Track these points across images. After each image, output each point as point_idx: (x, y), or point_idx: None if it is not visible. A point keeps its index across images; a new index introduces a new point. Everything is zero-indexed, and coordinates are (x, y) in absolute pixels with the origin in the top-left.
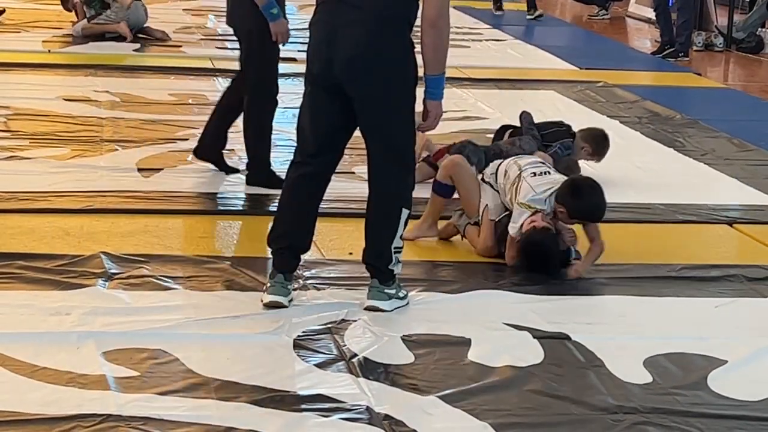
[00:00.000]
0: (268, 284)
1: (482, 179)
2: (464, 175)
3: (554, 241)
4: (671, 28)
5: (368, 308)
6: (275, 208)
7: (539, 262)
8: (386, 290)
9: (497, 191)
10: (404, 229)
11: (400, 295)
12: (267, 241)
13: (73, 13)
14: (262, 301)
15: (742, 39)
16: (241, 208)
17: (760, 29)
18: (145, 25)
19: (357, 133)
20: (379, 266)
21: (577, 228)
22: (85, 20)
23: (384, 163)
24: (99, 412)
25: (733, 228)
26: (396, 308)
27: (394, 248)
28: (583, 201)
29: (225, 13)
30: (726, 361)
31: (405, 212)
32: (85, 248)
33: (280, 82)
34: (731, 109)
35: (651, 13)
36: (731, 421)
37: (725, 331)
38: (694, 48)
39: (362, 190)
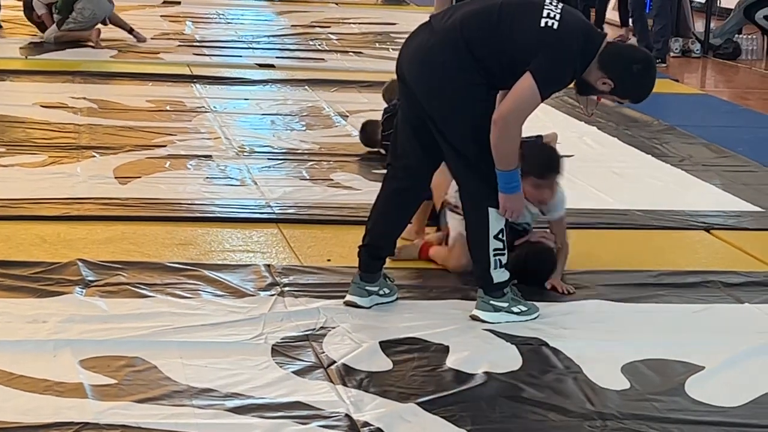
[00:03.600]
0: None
1: (447, 204)
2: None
3: (552, 261)
4: (648, 34)
5: (471, 317)
6: (253, 216)
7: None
8: (492, 302)
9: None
10: (499, 229)
11: (515, 310)
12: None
13: (41, 23)
14: None
15: (719, 45)
16: (218, 215)
17: (736, 36)
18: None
19: (328, 138)
20: (478, 272)
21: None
22: (55, 26)
23: (454, 165)
24: (76, 420)
25: (710, 234)
26: (505, 322)
27: (493, 250)
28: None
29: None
30: (703, 367)
31: (493, 211)
32: (62, 255)
33: (259, 88)
34: (708, 115)
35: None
36: (709, 427)
37: (703, 337)
38: (672, 54)
39: (340, 197)
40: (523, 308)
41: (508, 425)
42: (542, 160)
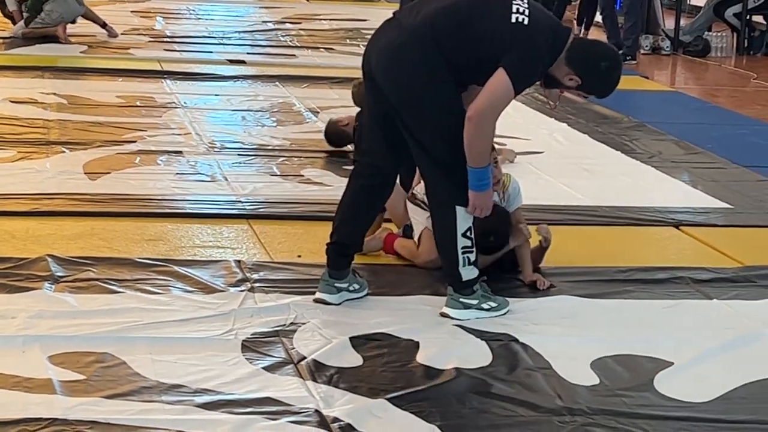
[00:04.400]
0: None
1: (413, 199)
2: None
3: (509, 221)
4: (618, 31)
5: (441, 314)
6: (222, 212)
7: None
8: (462, 299)
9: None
10: (467, 227)
11: (485, 306)
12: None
13: (12, 18)
14: None
15: (689, 42)
16: (189, 211)
17: (706, 33)
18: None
19: (299, 134)
20: (447, 270)
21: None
22: (23, 22)
23: (421, 162)
24: (45, 416)
25: (679, 230)
26: (475, 318)
27: (461, 249)
28: None
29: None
30: (672, 363)
31: (461, 209)
32: (31, 251)
33: (230, 84)
34: (678, 112)
35: (597, 16)
36: (677, 423)
37: (672, 333)
38: (642, 51)
39: (311, 192)
40: (493, 304)
41: (478, 421)
42: None
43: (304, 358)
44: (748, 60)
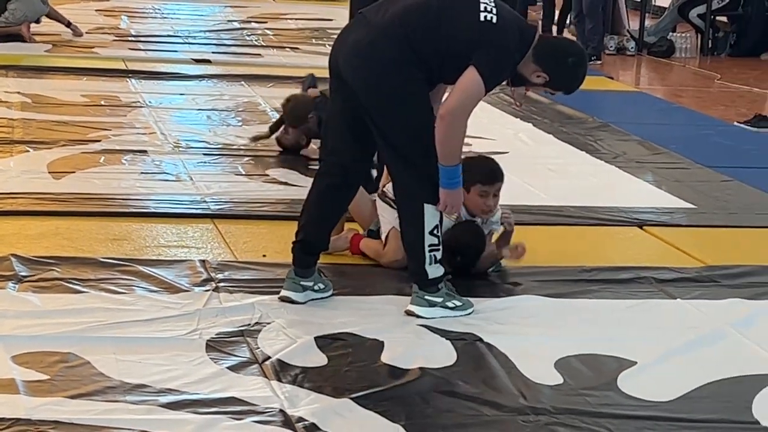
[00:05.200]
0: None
1: (383, 197)
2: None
3: (483, 238)
4: (583, 35)
5: (406, 312)
6: (187, 211)
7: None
8: (427, 297)
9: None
10: (434, 225)
11: (450, 305)
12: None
13: None
14: None
15: (654, 43)
16: (153, 210)
17: (671, 34)
18: (47, 13)
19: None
20: (413, 268)
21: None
22: None
23: (390, 161)
24: (8, 416)
25: (643, 230)
26: (441, 317)
27: (428, 246)
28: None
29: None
30: (636, 362)
31: (429, 207)
32: None
33: (195, 83)
34: (642, 113)
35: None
36: (641, 422)
37: (635, 333)
38: (607, 51)
39: (276, 192)
40: (458, 303)
41: (442, 420)
42: (487, 168)
43: (269, 357)
44: (712, 61)
